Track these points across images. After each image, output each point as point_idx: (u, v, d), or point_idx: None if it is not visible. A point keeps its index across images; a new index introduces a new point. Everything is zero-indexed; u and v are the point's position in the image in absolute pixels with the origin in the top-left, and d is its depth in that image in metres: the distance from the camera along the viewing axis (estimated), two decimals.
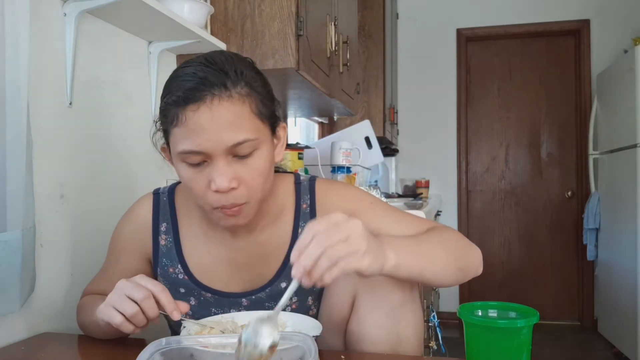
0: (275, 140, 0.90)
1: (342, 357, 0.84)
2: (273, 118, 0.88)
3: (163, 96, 0.84)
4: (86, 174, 1.21)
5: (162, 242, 0.98)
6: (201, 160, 0.81)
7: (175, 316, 0.78)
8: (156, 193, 1.01)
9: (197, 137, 0.78)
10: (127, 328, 0.78)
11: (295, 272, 0.65)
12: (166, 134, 0.85)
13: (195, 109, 0.78)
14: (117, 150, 1.33)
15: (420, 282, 0.85)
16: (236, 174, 0.81)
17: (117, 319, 0.77)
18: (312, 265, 0.64)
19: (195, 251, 0.97)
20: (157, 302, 0.78)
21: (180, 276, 0.96)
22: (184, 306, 0.80)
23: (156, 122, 0.88)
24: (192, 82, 0.79)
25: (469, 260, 0.89)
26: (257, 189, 0.84)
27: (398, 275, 0.77)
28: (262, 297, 0.95)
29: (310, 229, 0.66)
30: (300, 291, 0.95)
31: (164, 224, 0.98)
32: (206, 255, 0.96)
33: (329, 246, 0.65)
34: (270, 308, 0.94)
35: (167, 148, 0.88)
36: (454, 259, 0.86)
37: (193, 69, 0.81)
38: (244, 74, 0.82)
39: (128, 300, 0.77)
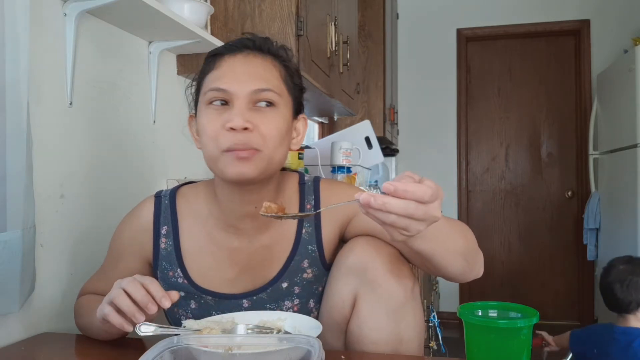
0: (294, 132, 0.93)
1: (342, 357, 0.84)
2: (297, 95, 0.94)
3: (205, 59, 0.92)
4: (86, 174, 1.21)
5: (163, 246, 0.97)
6: (223, 100, 0.85)
7: (165, 304, 0.77)
8: (158, 196, 1.00)
9: (226, 78, 0.85)
10: (119, 321, 0.77)
11: (369, 200, 0.62)
12: (198, 88, 0.91)
13: (232, 56, 0.88)
14: (117, 150, 1.33)
15: (427, 262, 0.80)
16: (253, 119, 0.84)
17: (114, 317, 0.77)
18: (380, 209, 0.62)
19: (196, 254, 0.96)
20: (148, 293, 0.77)
21: (180, 280, 0.95)
22: (174, 294, 0.79)
23: (192, 80, 0.94)
24: (236, 40, 0.90)
25: (474, 256, 0.86)
26: (271, 141, 0.85)
27: (415, 244, 0.73)
28: (263, 298, 0.94)
29: (416, 187, 0.64)
30: (302, 294, 0.95)
31: (165, 227, 0.98)
32: (208, 257, 0.96)
33: (406, 216, 0.62)
34: (271, 308, 0.94)
35: (194, 116, 0.92)
36: (464, 248, 0.82)
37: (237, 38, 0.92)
38: (280, 51, 0.92)
39: (123, 294, 0.76)
